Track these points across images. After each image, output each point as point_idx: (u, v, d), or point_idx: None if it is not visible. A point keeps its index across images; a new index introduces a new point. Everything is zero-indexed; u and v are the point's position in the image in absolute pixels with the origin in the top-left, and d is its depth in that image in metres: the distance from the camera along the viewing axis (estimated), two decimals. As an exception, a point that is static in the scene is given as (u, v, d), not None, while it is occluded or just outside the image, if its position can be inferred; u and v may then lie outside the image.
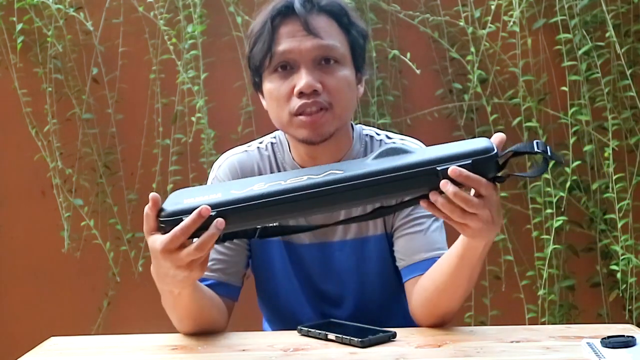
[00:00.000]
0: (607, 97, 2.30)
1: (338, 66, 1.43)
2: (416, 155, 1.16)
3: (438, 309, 1.40)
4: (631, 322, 2.18)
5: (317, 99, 1.40)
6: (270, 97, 1.45)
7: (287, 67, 1.42)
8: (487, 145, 1.14)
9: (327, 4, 1.44)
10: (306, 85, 1.39)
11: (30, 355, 1.32)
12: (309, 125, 1.41)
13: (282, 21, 1.43)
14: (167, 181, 2.47)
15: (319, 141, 1.43)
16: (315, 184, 1.15)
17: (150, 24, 2.49)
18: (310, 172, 1.19)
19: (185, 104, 2.47)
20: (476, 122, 2.48)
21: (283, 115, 1.43)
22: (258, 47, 1.44)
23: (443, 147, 1.17)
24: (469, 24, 2.40)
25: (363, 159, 1.21)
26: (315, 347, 1.30)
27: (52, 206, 2.51)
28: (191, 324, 1.39)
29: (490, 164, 1.14)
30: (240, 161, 1.55)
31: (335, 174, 1.16)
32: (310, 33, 1.41)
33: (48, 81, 2.49)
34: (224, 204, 1.15)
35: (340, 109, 1.43)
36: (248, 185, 1.19)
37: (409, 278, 1.47)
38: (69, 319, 2.55)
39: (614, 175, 2.28)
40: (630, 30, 2.40)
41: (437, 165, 1.13)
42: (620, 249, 2.26)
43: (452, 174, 1.11)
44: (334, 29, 1.44)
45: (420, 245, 1.47)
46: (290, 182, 1.16)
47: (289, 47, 1.41)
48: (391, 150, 1.18)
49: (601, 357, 1.16)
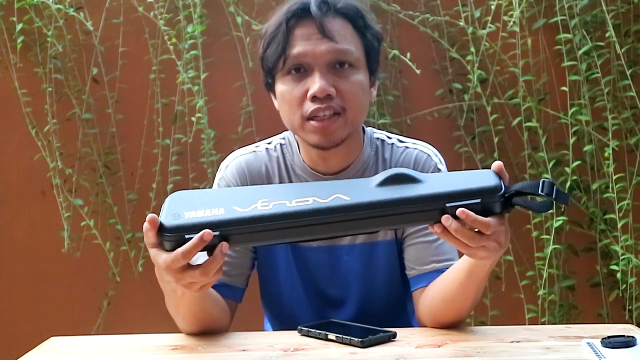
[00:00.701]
0: (607, 97, 2.30)
1: (352, 70, 1.42)
2: (424, 187, 1.15)
3: (446, 317, 1.40)
4: (631, 322, 2.18)
5: (331, 104, 1.39)
6: (282, 99, 1.44)
7: (300, 70, 1.41)
8: (496, 183, 1.13)
9: (343, 7, 1.43)
10: (320, 89, 1.38)
11: (30, 355, 1.32)
12: (321, 131, 1.40)
13: (297, 23, 1.41)
14: (167, 181, 2.47)
15: (330, 147, 1.42)
16: (320, 210, 1.13)
17: (150, 24, 2.49)
18: (316, 192, 1.16)
19: (185, 104, 2.47)
20: (476, 122, 2.48)
21: (295, 118, 1.42)
22: (272, 48, 1.43)
23: (451, 180, 1.16)
24: (469, 24, 2.40)
25: (369, 181, 1.18)
26: (316, 347, 1.30)
27: (52, 206, 2.51)
28: (194, 323, 1.39)
29: (498, 202, 1.14)
30: (248, 162, 1.53)
31: (341, 199, 1.14)
32: (326, 36, 1.40)
33: (48, 81, 2.49)
34: (226, 224, 1.13)
35: (353, 114, 1.42)
36: (252, 200, 1.16)
37: (417, 287, 1.47)
38: (69, 319, 2.55)
39: (614, 175, 2.28)
40: (630, 30, 2.40)
41: (446, 202, 1.12)
42: (620, 249, 2.26)
43: (461, 215, 1.11)
44: (349, 32, 1.43)
45: (430, 255, 1.46)
46: (296, 203, 1.14)
47: (304, 50, 1.40)
48: (398, 176, 1.16)
49: (601, 357, 1.16)
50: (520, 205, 1.17)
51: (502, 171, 1.16)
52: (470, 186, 1.14)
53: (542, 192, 1.13)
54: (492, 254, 1.18)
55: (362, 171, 1.50)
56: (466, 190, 1.13)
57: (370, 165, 1.51)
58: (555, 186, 1.14)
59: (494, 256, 1.22)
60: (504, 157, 2.47)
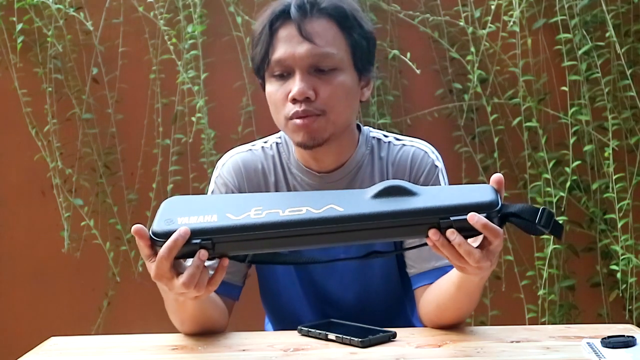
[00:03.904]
0: (607, 97, 2.30)
1: (334, 73, 1.41)
2: (419, 200, 1.13)
3: (442, 321, 1.41)
4: (631, 322, 2.18)
5: (309, 107, 1.39)
6: (269, 99, 1.45)
7: (283, 72, 1.42)
8: (492, 199, 1.11)
9: (327, 6, 1.42)
10: (298, 92, 1.38)
11: (30, 355, 1.32)
12: (303, 129, 1.40)
13: (280, 25, 1.42)
14: (167, 181, 2.47)
15: (313, 146, 1.42)
16: (313, 221, 1.13)
17: (150, 24, 2.49)
18: (309, 202, 1.15)
19: (185, 104, 2.47)
20: (476, 122, 2.48)
21: (280, 118, 1.43)
22: (257, 50, 1.44)
23: (447, 194, 1.14)
24: (469, 24, 2.40)
25: (364, 192, 1.17)
26: (316, 347, 1.30)
27: (52, 206, 2.51)
28: (193, 325, 1.39)
29: (494, 219, 1.11)
30: (245, 160, 1.54)
31: (335, 209, 1.13)
32: (305, 39, 1.39)
33: (48, 81, 2.49)
34: (218, 231, 1.13)
35: (335, 115, 1.41)
36: (245, 207, 1.16)
37: (418, 286, 1.47)
38: (69, 319, 2.55)
39: (614, 175, 2.28)
40: (630, 30, 2.40)
41: (440, 217, 1.11)
42: (620, 249, 2.26)
43: (471, 219, 1.10)
44: (332, 32, 1.41)
45: (431, 254, 1.45)
46: (289, 213, 1.13)
47: (284, 55, 1.40)
48: (394, 189, 1.15)
49: (601, 357, 1.16)
50: (514, 223, 1.15)
51: (501, 186, 1.14)
52: (466, 201, 1.12)
53: (540, 223, 1.11)
54: (481, 271, 1.18)
55: (357, 170, 1.50)
56: (460, 205, 1.11)
57: (365, 164, 1.51)
58: (553, 218, 1.12)
59: (483, 274, 1.22)
60: (504, 157, 2.47)
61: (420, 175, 1.49)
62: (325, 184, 1.49)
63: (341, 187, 1.49)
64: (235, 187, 1.51)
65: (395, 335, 1.33)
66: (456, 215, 1.11)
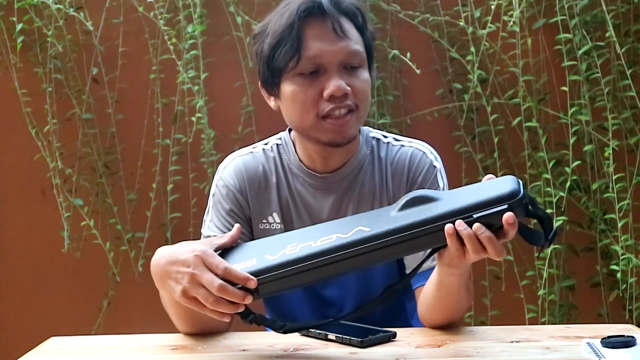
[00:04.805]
0: (607, 97, 2.30)
1: (360, 70, 1.43)
2: (444, 203, 1.15)
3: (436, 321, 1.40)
4: (631, 322, 2.18)
5: (347, 102, 1.40)
6: (293, 99, 1.42)
7: (315, 70, 1.41)
8: (515, 188, 1.11)
9: (347, 6, 1.43)
10: (338, 88, 1.38)
11: (30, 355, 1.32)
12: (337, 129, 1.40)
13: (309, 22, 1.40)
14: (167, 181, 2.47)
15: (344, 143, 1.43)
16: (345, 245, 1.15)
17: (150, 24, 2.49)
18: (337, 229, 1.19)
19: (185, 104, 2.48)
20: (476, 122, 2.48)
21: (308, 118, 1.42)
22: (283, 48, 1.40)
23: (468, 192, 1.16)
24: (469, 24, 2.40)
25: (388, 209, 1.20)
26: (315, 347, 1.30)
27: (52, 206, 2.51)
28: (192, 325, 1.39)
29: (521, 208, 1.12)
30: (246, 163, 1.54)
31: (363, 231, 1.16)
32: (340, 35, 1.40)
33: (48, 81, 2.49)
34: (260, 273, 1.18)
35: (364, 111, 1.44)
36: (280, 246, 1.21)
37: (417, 286, 1.47)
38: (69, 319, 2.55)
39: (614, 175, 2.28)
40: (630, 30, 2.40)
41: (473, 213, 1.12)
42: (620, 249, 2.26)
43: (508, 219, 1.09)
44: (354, 31, 1.44)
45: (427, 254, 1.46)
46: (321, 243, 1.17)
47: (319, 52, 1.39)
48: (416, 199, 1.17)
49: (601, 357, 1.16)
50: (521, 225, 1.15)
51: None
52: (487, 196, 1.12)
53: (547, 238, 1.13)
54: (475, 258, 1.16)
55: (358, 170, 1.50)
56: (484, 201, 1.12)
57: (366, 164, 1.51)
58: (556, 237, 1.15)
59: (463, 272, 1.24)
60: (504, 157, 2.47)
61: (419, 176, 1.49)
62: (327, 184, 1.50)
63: (343, 187, 1.49)
64: (237, 190, 1.51)
65: (395, 335, 1.33)
66: (479, 212, 1.12)
